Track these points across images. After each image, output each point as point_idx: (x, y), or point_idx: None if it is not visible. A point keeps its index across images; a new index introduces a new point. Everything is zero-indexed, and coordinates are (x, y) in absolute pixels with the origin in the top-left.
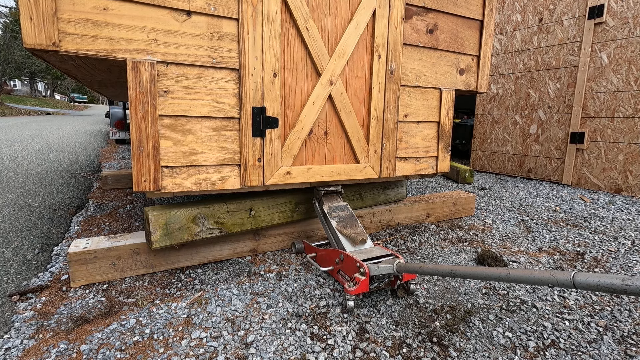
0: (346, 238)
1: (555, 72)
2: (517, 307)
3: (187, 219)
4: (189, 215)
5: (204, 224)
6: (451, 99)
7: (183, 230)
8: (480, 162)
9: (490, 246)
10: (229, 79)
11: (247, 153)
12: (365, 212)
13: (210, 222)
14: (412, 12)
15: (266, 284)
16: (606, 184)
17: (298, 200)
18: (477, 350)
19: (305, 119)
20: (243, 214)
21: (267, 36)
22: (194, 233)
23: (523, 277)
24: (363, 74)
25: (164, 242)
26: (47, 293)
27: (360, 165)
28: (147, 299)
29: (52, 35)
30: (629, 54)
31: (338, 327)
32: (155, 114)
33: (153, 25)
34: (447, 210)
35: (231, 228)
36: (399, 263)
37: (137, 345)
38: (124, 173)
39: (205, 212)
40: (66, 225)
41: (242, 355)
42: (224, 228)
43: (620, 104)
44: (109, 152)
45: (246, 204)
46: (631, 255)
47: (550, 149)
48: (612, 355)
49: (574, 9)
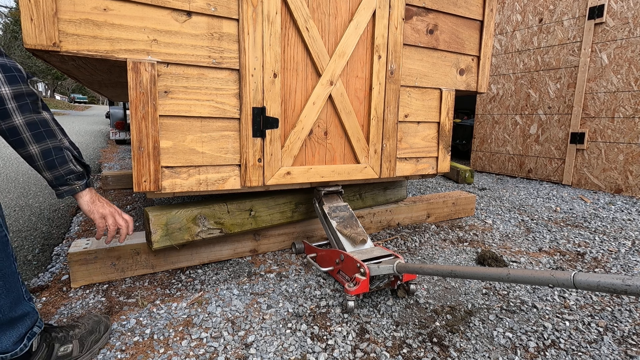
0: (346, 238)
1: (555, 73)
2: (518, 307)
3: (188, 219)
4: (189, 215)
5: (204, 224)
6: (451, 99)
7: (183, 231)
8: (480, 162)
9: (490, 246)
10: (229, 79)
11: (248, 153)
12: (365, 212)
13: (211, 222)
14: (412, 12)
15: (266, 284)
16: (606, 184)
17: (298, 200)
18: (478, 351)
19: (305, 119)
20: (243, 214)
21: (268, 36)
22: (194, 233)
23: (523, 277)
24: (363, 74)
25: (164, 243)
26: (47, 293)
27: (360, 165)
28: (147, 299)
29: (53, 35)
30: (629, 54)
31: (338, 327)
32: (156, 114)
33: (153, 25)
34: (448, 211)
35: (231, 228)
36: (399, 263)
37: (137, 345)
38: (124, 173)
39: (205, 213)
40: (66, 225)
41: (243, 356)
42: (224, 228)
43: (621, 104)
44: (109, 153)
45: (246, 204)
46: (631, 255)
47: (550, 149)
48: (612, 355)
49: (574, 9)
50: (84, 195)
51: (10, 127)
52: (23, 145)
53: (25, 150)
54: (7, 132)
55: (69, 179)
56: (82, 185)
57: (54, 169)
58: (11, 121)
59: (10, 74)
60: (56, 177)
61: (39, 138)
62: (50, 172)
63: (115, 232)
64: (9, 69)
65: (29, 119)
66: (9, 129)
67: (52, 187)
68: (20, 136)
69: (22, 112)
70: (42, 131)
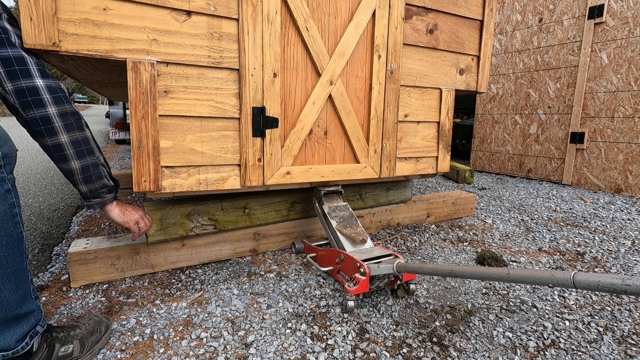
0: (346, 238)
1: (555, 72)
2: (517, 307)
3: (182, 215)
4: (183, 211)
5: (197, 220)
6: (451, 99)
7: (177, 226)
8: (480, 162)
9: (490, 246)
10: (229, 79)
11: (247, 153)
12: (365, 212)
13: (205, 218)
14: (412, 12)
15: (266, 284)
16: (606, 184)
17: (294, 199)
18: (477, 350)
19: (305, 119)
20: (237, 211)
21: (267, 36)
22: (188, 229)
23: (523, 277)
24: (363, 74)
25: (158, 237)
26: (47, 293)
27: (360, 165)
28: (147, 299)
29: (52, 35)
30: (629, 53)
31: (338, 327)
32: (155, 114)
33: (153, 25)
34: (447, 210)
35: (225, 225)
36: (399, 263)
37: (137, 345)
38: (124, 173)
39: (199, 209)
40: (66, 225)
41: (243, 355)
42: (217, 225)
43: (620, 104)
44: (109, 152)
45: (240, 202)
46: (631, 255)
47: (550, 149)
48: (612, 355)
49: (574, 9)
50: (114, 208)
51: (55, 144)
52: (66, 160)
53: (67, 165)
54: (52, 148)
55: (102, 192)
56: (112, 198)
57: (90, 183)
58: (57, 138)
59: (56, 95)
60: (91, 190)
61: (80, 155)
62: (87, 186)
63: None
64: (55, 90)
65: (74, 137)
66: (54, 146)
67: (85, 199)
68: (64, 152)
69: (67, 131)
70: (83, 149)
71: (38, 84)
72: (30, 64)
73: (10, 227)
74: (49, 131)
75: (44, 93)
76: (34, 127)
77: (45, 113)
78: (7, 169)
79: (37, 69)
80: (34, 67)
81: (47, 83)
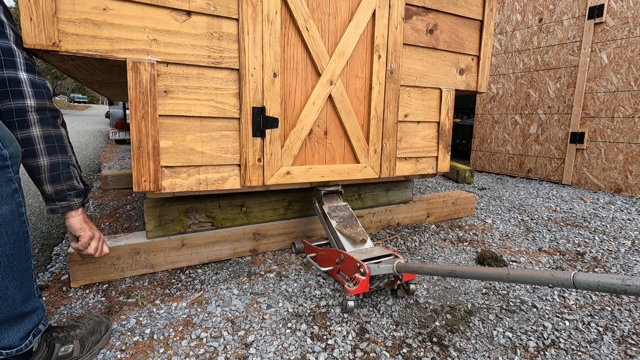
0: (346, 238)
1: (555, 72)
2: (517, 307)
3: (180, 211)
4: (181, 208)
5: (195, 217)
6: (451, 99)
7: (175, 222)
8: (480, 162)
9: (490, 246)
10: (228, 79)
11: (247, 153)
12: (365, 212)
13: (202, 215)
14: (412, 12)
15: (266, 284)
16: (606, 184)
17: (292, 198)
18: (477, 350)
19: (305, 119)
20: (235, 209)
21: (267, 36)
22: (185, 225)
23: (523, 277)
24: (363, 74)
25: (157, 232)
26: (47, 293)
27: (360, 165)
28: (147, 299)
29: (52, 35)
30: (628, 53)
31: (338, 327)
32: (155, 114)
33: (153, 25)
34: (447, 210)
35: (222, 222)
36: (399, 263)
37: (137, 345)
38: (124, 173)
39: (197, 207)
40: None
41: (242, 355)
42: (215, 222)
43: (620, 104)
44: (109, 152)
45: (238, 200)
46: (631, 255)
47: (550, 149)
48: (612, 355)
49: (574, 8)
50: (79, 214)
51: (26, 137)
52: (34, 156)
53: (34, 161)
54: (21, 142)
55: (69, 195)
56: (79, 203)
57: (57, 183)
58: (28, 131)
59: (37, 89)
60: (57, 191)
61: (51, 151)
62: (53, 186)
63: (92, 253)
64: (38, 86)
65: (46, 132)
66: (24, 139)
67: (48, 201)
68: (34, 147)
69: (41, 125)
70: (55, 145)
71: (21, 76)
72: (18, 56)
73: (17, 226)
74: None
75: (25, 86)
76: (7, 118)
77: (22, 104)
78: (14, 169)
79: (24, 63)
80: (20, 60)
81: (31, 77)
